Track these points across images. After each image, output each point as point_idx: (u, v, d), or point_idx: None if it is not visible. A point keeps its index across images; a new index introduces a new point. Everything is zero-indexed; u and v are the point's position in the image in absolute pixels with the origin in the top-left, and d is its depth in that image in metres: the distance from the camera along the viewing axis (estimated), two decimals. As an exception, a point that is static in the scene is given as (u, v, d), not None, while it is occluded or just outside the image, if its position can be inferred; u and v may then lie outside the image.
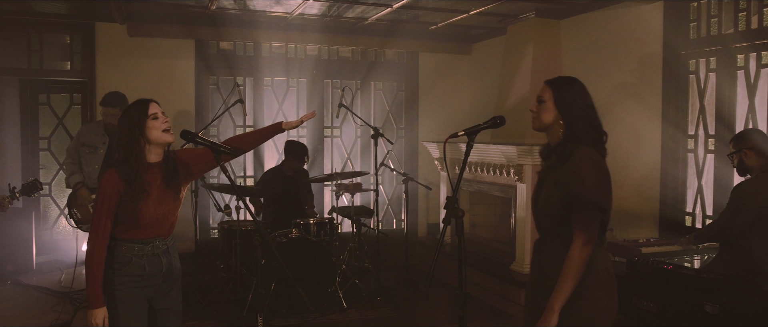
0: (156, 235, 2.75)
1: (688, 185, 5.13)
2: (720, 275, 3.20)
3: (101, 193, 2.63)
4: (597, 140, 2.44)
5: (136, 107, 2.69)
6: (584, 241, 2.29)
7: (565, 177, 2.36)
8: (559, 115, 2.46)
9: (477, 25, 7.06)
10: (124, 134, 2.65)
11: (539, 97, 2.53)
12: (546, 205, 2.44)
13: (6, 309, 5.45)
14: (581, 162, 2.34)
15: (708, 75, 4.93)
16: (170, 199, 2.75)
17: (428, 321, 5.08)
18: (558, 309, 2.29)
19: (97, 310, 2.60)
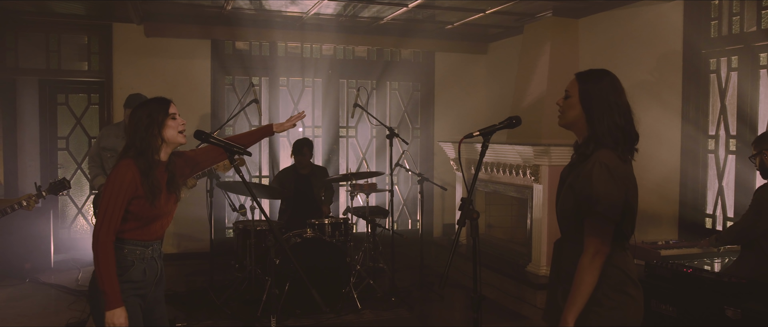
0: (155, 238, 2.71)
1: (708, 186, 5.04)
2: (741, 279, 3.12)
3: (118, 182, 2.52)
4: (620, 142, 2.25)
5: (156, 104, 2.65)
6: (594, 252, 2.17)
7: (579, 180, 2.25)
8: (583, 112, 2.31)
9: (493, 24, 7.00)
10: (142, 128, 2.59)
11: (566, 91, 2.38)
12: (562, 206, 2.36)
13: (25, 307, 5.50)
14: (594, 167, 2.19)
15: (729, 74, 4.84)
16: (173, 200, 2.73)
17: (443, 322, 5.04)
18: (572, 322, 2.18)
19: (118, 309, 2.48)
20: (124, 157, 2.60)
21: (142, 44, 6.84)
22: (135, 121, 2.63)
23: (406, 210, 8.17)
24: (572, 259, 2.27)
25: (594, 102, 2.27)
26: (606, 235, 2.18)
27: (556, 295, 2.42)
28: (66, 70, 6.96)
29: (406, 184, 8.13)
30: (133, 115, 2.66)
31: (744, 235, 3.64)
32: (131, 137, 2.63)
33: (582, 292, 2.17)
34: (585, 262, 2.17)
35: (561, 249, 2.43)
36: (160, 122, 2.62)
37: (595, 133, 2.26)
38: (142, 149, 2.58)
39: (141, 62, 6.85)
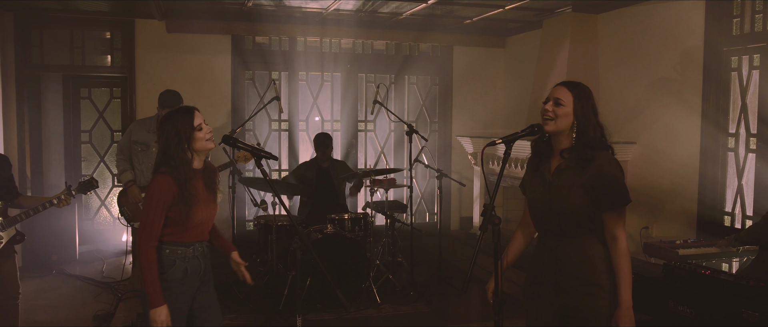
0: (198, 239, 2.84)
1: (727, 185, 5.03)
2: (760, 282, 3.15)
3: (156, 196, 2.68)
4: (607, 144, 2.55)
5: (180, 118, 2.75)
6: (625, 235, 2.49)
7: (599, 181, 2.45)
8: (574, 122, 2.51)
9: (512, 19, 7.00)
10: (173, 146, 2.72)
11: (557, 98, 2.54)
12: (571, 208, 2.51)
13: (53, 298, 5.65)
14: (611, 165, 2.47)
15: (751, 72, 4.82)
16: (211, 202, 2.85)
17: (461, 318, 5.11)
18: (631, 302, 2.46)
19: (160, 308, 2.66)
20: (158, 173, 2.73)
21: (164, 40, 6.93)
22: (164, 137, 2.75)
23: (424, 204, 8.23)
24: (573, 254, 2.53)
25: (586, 111, 2.51)
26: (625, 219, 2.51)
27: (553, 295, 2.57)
28: (90, 65, 7.08)
29: (424, 178, 8.18)
30: (161, 129, 2.77)
31: (764, 235, 3.65)
32: (163, 153, 2.75)
33: (628, 272, 2.47)
34: (623, 247, 2.47)
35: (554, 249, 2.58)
36: (188, 136, 2.73)
37: (589, 139, 2.49)
38: (175, 165, 2.71)
39: (163, 57, 6.95)
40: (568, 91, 2.53)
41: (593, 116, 2.52)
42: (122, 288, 5.82)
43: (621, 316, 2.45)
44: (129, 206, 5.12)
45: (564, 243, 2.57)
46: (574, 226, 2.54)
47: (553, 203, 2.56)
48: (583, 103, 2.51)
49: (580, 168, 2.49)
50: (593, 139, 2.50)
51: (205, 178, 2.84)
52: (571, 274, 2.53)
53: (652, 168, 5.57)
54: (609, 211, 2.47)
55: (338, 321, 4.84)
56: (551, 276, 2.60)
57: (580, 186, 2.49)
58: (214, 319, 2.97)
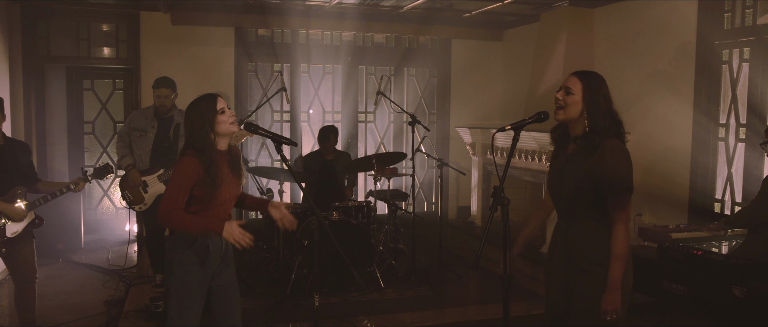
0: (220, 216, 2.96)
1: (717, 173, 5.24)
2: (748, 260, 3.35)
3: (180, 174, 2.79)
4: (619, 132, 2.65)
5: (204, 103, 2.89)
6: (626, 220, 2.59)
7: (600, 167, 2.59)
8: (584, 110, 2.64)
9: (510, 12, 7.16)
10: (197, 129, 2.85)
11: (567, 87, 2.69)
12: (576, 191, 2.68)
13: (61, 285, 5.77)
14: (614, 153, 2.57)
15: (741, 65, 5.02)
16: (236, 183, 2.99)
17: (461, 301, 5.28)
18: (619, 284, 2.58)
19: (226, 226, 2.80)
20: (185, 155, 2.86)
21: (169, 32, 7.05)
22: (189, 122, 2.90)
23: (423, 193, 8.41)
24: (582, 235, 2.69)
25: (597, 103, 2.62)
26: (630, 206, 2.61)
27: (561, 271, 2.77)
28: (95, 57, 7.18)
29: (423, 168, 8.35)
30: (187, 115, 2.92)
31: (752, 219, 3.85)
32: (189, 137, 2.90)
33: (622, 255, 2.58)
34: (621, 232, 2.58)
35: (566, 230, 2.77)
36: (211, 120, 2.87)
37: (597, 127, 2.61)
38: (200, 147, 2.85)
39: (167, 49, 7.06)
40: (578, 80, 2.67)
41: (604, 104, 2.63)
42: (130, 275, 5.95)
43: (605, 297, 2.58)
44: (130, 189, 5.25)
45: (573, 224, 2.74)
46: (581, 209, 2.70)
47: (564, 187, 2.74)
48: (592, 91, 2.63)
49: (588, 154, 2.63)
50: (603, 127, 2.60)
51: (229, 161, 2.98)
52: (578, 252, 2.70)
53: (646, 157, 5.76)
54: (610, 196, 2.60)
55: (345, 304, 5.01)
56: (561, 253, 2.78)
57: (585, 171, 2.64)
58: (233, 299, 3.08)
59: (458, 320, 4.77)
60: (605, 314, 2.58)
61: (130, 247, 6.97)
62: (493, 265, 6.06)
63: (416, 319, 4.72)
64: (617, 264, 2.57)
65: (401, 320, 4.70)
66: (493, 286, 5.59)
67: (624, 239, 2.59)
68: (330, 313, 4.72)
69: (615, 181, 2.57)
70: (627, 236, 2.60)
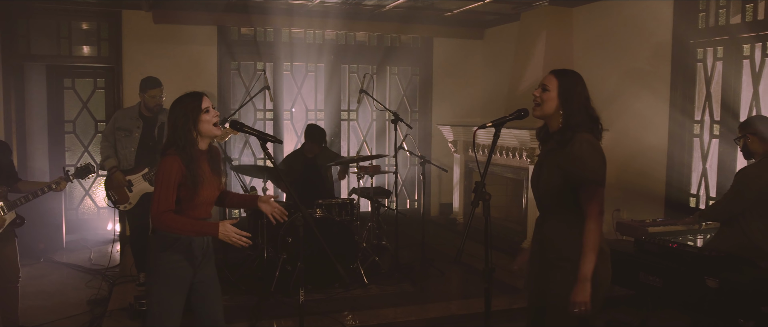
0: (201, 216, 2.98)
1: (693, 168, 5.38)
2: (720, 252, 3.46)
3: (166, 173, 2.82)
4: (593, 128, 2.71)
5: (190, 100, 2.91)
6: (597, 214, 2.61)
7: (568, 160, 2.65)
8: (560, 106, 2.71)
9: (491, 11, 7.26)
10: (180, 125, 2.87)
11: (544, 85, 2.77)
12: (548, 185, 2.75)
13: (44, 284, 5.72)
14: (582, 145, 2.63)
15: (715, 63, 5.15)
16: (216, 183, 3.02)
17: (444, 296, 5.34)
18: (590, 277, 2.59)
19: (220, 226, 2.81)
20: (166, 154, 2.87)
21: (151, 30, 7.03)
22: (173, 118, 2.90)
23: (405, 190, 8.48)
24: (555, 229, 2.73)
25: (571, 99, 2.69)
26: (601, 199, 2.64)
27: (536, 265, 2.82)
28: (77, 56, 7.15)
29: (405, 165, 8.42)
30: (171, 111, 2.93)
31: (724, 213, 3.96)
32: (171, 134, 2.91)
33: (593, 249, 2.59)
34: (591, 225, 2.61)
35: (542, 224, 2.84)
36: (195, 118, 2.88)
37: (570, 123, 2.68)
38: (182, 144, 2.86)
39: (150, 48, 7.05)
40: (554, 78, 2.75)
41: (579, 101, 2.69)
42: (112, 274, 5.93)
43: (576, 290, 2.60)
44: (115, 190, 5.24)
45: (548, 218, 2.82)
46: (555, 203, 2.77)
47: (540, 181, 2.81)
48: (568, 88, 2.70)
49: (561, 149, 2.70)
50: (576, 123, 2.67)
51: (210, 160, 3.00)
52: (551, 247, 2.75)
53: (624, 153, 5.89)
54: (579, 189, 2.64)
55: (329, 301, 5.05)
56: (537, 247, 2.85)
57: (557, 166, 2.71)
58: (214, 292, 3.10)
59: (441, 315, 4.83)
60: (574, 306, 2.59)
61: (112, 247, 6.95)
62: (474, 260, 6.13)
63: (399, 314, 4.78)
64: (588, 257, 2.59)
65: (384, 316, 4.75)
66: (475, 281, 5.67)
67: (594, 233, 2.60)
68: (314, 310, 4.76)
69: (582, 174, 2.62)
70: (597, 230, 2.61)
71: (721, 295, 3.14)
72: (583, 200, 2.64)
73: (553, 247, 2.73)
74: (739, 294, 3.11)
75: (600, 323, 4.68)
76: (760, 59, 4.74)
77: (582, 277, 2.59)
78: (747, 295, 3.11)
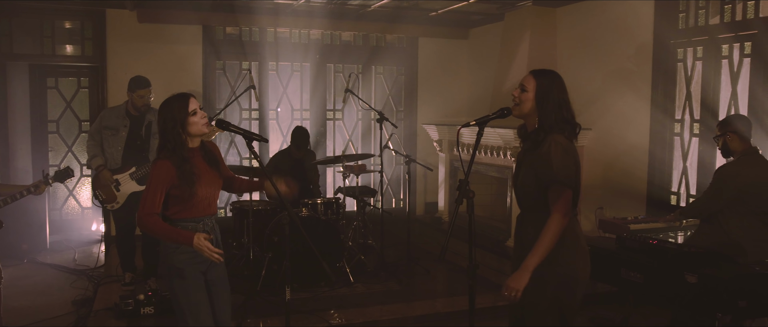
0: (205, 214, 3.03)
1: (673, 166, 5.47)
2: (700, 249, 3.53)
3: (155, 178, 2.87)
4: (567, 130, 2.73)
5: (177, 103, 2.94)
6: (561, 214, 2.63)
7: (538, 160, 2.70)
8: (536, 106, 2.75)
9: (476, 11, 7.31)
10: (169, 129, 2.91)
11: (523, 85, 2.82)
12: (523, 185, 2.81)
13: (28, 285, 5.71)
14: (550, 146, 2.66)
15: (694, 63, 5.24)
16: (215, 177, 3.06)
17: (429, 294, 5.40)
18: (531, 269, 2.63)
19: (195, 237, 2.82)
20: (158, 158, 2.93)
21: (135, 30, 7.01)
22: (162, 122, 2.94)
23: (391, 189, 8.52)
24: (534, 227, 2.74)
25: (547, 99, 2.73)
26: (568, 199, 2.65)
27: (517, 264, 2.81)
28: (60, 55, 7.11)
29: (390, 165, 8.46)
30: (159, 115, 2.97)
31: (704, 210, 4.05)
32: (161, 137, 2.96)
33: (545, 245, 2.63)
34: (553, 224, 2.63)
35: (523, 221, 2.89)
36: (183, 120, 2.93)
37: (544, 124, 2.73)
38: (172, 147, 2.91)
39: (135, 47, 7.02)
40: (533, 78, 2.79)
41: (554, 102, 2.72)
42: (97, 275, 5.92)
43: (514, 275, 2.67)
44: (102, 189, 5.22)
45: (527, 216, 2.87)
46: (530, 202, 2.82)
47: (516, 180, 2.87)
48: (544, 89, 2.73)
49: (535, 149, 2.75)
50: (550, 123, 2.71)
51: (204, 156, 3.03)
52: (529, 244, 2.75)
53: (606, 152, 5.97)
54: (547, 188, 2.67)
55: (315, 299, 5.07)
56: (518, 245, 2.90)
57: (529, 165, 2.77)
58: (223, 293, 3.16)
59: (426, 313, 4.88)
60: (505, 289, 2.67)
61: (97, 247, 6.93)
62: (459, 258, 6.19)
63: (386, 312, 4.82)
64: (537, 250, 2.62)
65: (371, 314, 4.79)
66: (460, 279, 5.73)
67: (552, 231, 2.62)
68: (300, 308, 4.78)
69: (547, 173, 2.65)
70: (556, 229, 2.63)
71: (700, 290, 3.21)
72: (550, 200, 2.66)
73: (530, 245, 2.73)
74: (717, 289, 3.18)
75: (582, 320, 4.76)
76: (738, 59, 4.83)
77: (524, 267, 2.64)
78: (724, 290, 3.18)
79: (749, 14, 4.73)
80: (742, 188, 3.85)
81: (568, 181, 2.65)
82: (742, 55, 4.80)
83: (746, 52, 4.77)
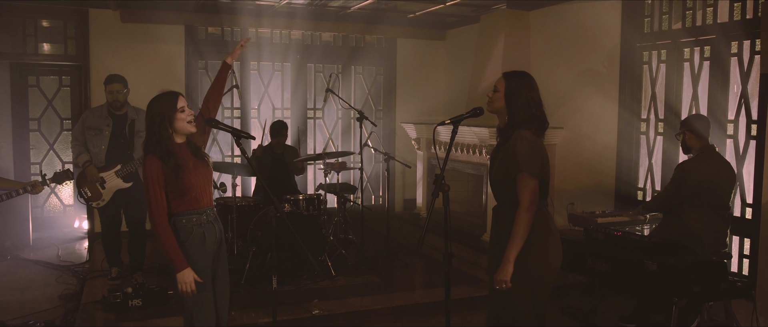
0: (205, 206, 3.18)
1: (640, 164, 5.74)
2: (660, 239, 3.79)
3: (149, 177, 3.01)
4: (535, 126, 2.96)
5: (166, 99, 3.09)
6: (527, 204, 2.86)
7: (506, 154, 2.96)
8: (505, 104, 3.01)
9: (452, 13, 7.54)
10: (156, 123, 3.05)
11: (495, 86, 3.09)
12: (496, 178, 3.06)
13: (13, 281, 5.77)
14: (517, 140, 2.91)
15: (659, 66, 5.51)
16: (202, 166, 3.20)
17: (407, 286, 5.60)
18: (512, 260, 2.87)
19: (185, 270, 2.99)
20: (146, 153, 3.08)
21: (118, 29, 7.10)
22: (150, 117, 3.09)
23: (370, 186, 8.72)
24: (507, 219, 2.98)
25: (514, 98, 2.99)
26: (534, 190, 2.88)
27: (496, 250, 3.08)
28: (42, 54, 7.15)
29: (370, 162, 8.65)
30: (148, 109, 3.12)
31: (665, 204, 4.31)
32: (148, 131, 3.10)
33: (520, 235, 2.87)
34: (521, 213, 2.87)
35: (498, 213, 3.14)
36: (171, 116, 3.08)
37: (513, 120, 2.99)
38: (157, 140, 3.05)
39: (118, 46, 7.11)
40: (504, 79, 3.05)
41: (523, 101, 2.95)
42: (82, 271, 6.00)
43: (499, 269, 2.89)
44: (88, 186, 5.29)
45: (501, 207, 3.11)
46: (503, 194, 3.05)
47: (491, 174, 3.10)
48: (514, 89, 2.98)
49: (505, 143, 3.02)
50: (518, 121, 2.95)
51: (191, 148, 3.19)
52: (503, 234, 3.03)
53: (577, 150, 6.23)
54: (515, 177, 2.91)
55: (298, 291, 5.24)
56: (493, 234, 3.13)
57: (500, 159, 3.02)
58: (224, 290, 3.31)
59: (406, 303, 5.09)
60: (496, 283, 2.91)
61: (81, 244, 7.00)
62: (437, 253, 6.42)
63: (366, 303, 5.02)
64: (514, 243, 2.85)
65: (352, 305, 4.98)
66: (438, 272, 5.94)
67: (523, 222, 2.85)
68: (284, 300, 4.95)
69: (513, 164, 2.89)
70: (525, 218, 2.85)
71: (659, 276, 3.46)
72: (518, 190, 2.89)
73: (506, 237, 2.98)
74: (675, 275, 3.43)
75: (553, 309, 5.00)
76: (699, 62, 5.11)
77: (505, 259, 2.87)
78: (681, 276, 3.44)
79: (708, 20, 5.01)
80: (699, 184, 4.11)
81: (533, 172, 2.87)
82: (702, 58, 5.08)
83: (706, 55, 5.05)
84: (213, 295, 3.21)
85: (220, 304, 3.28)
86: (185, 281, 2.99)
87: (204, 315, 3.15)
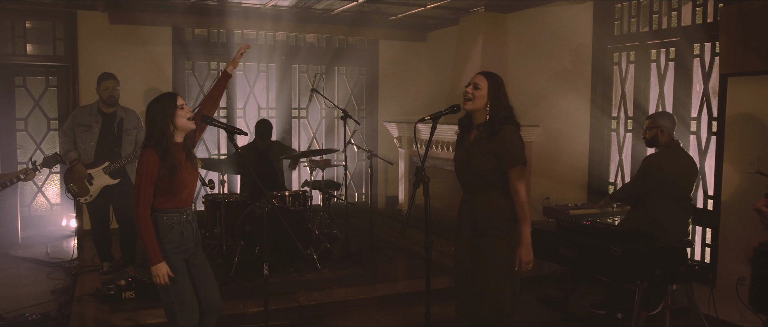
0: (186, 205, 3.36)
1: (611, 159, 6.03)
2: (625, 228, 4.07)
3: (144, 168, 3.17)
4: (512, 122, 3.33)
5: (167, 99, 3.28)
6: (524, 190, 3.27)
7: (502, 147, 3.26)
8: (487, 102, 3.30)
9: (432, 16, 7.79)
10: (158, 120, 3.24)
11: (476, 83, 3.36)
12: (482, 169, 3.33)
13: (4, 278, 5.86)
14: (512, 135, 3.26)
15: (628, 66, 5.81)
16: (193, 169, 3.39)
17: (390, 278, 5.83)
18: (530, 241, 3.26)
19: (160, 264, 3.14)
20: (146, 147, 3.24)
21: (107, 31, 7.22)
22: (151, 115, 3.27)
23: (353, 184, 8.93)
24: (486, 205, 3.34)
25: (497, 95, 3.31)
26: (526, 176, 3.26)
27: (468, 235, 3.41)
28: (30, 55, 7.24)
29: (353, 160, 8.86)
30: (149, 108, 3.30)
31: (631, 195, 4.59)
32: (149, 127, 3.28)
33: (527, 214, 3.26)
34: (522, 198, 3.27)
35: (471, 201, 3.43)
36: (171, 114, 3.26)
37: (497, 116, 3.30)
38: (158, 138, 3.23)
39: (106, 47, 7.22)
40: (484, 78, 3.33)
41: (503, 99, 3.31)
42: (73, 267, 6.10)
43: (522, 250, 3.27)
44: (75, 183, 5.41)
45: (478, 196, 3.37)
46: (485, 183, 3.33)
47: (470, 165, 3.35)
48: (495, 88, 3.30)
49: (490, 138, 3.28)
50: (502, 117, 3.28)
51: (186, 150, 3.38)
52: (481, 219, 3.34)
53: (552, 146, 6.50)
54: (511, 170, 3.26)
55: (285, 283, 5.44)
56: (467, 221, 3.39)
57: (489, 152, 3.29)
58: (208, 276, 3.49)
59: (388, 293, 5.31)
60: (523, 265, 3.26)
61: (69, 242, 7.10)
62: (418, 247, 6.63)
63: (351, 293, 5.23)
64: (525, 225, 3.25)
65: (337, 295, 5.18)
66: (419, 265, 6.16)
67: (526, 206, 3.26)
68: (272, 291, 5.12)
69: (514, 157, 3.24)
70: (528, 203, 3.26)
71: (624, 261, 3.73)
72: (513, 178, 3.25)
73: (484, 219, 3.32)
74: (638, 260, 3.71)
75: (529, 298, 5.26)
76: (665, 63, 5.41)
77: (525, 240, 3.25)
78: (643, 261, 3.72)
79: (673, 23, 5.31)
80: (664, 176, 4.38)
81: (525, 161, 3.28)
82: (668, 59, 5.37)
83: (671, 56, 5.34)
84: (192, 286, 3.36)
85: (209, 288, 3.44)
86: (159, 274, 3.15)
87: (185, 307, 3.30)
